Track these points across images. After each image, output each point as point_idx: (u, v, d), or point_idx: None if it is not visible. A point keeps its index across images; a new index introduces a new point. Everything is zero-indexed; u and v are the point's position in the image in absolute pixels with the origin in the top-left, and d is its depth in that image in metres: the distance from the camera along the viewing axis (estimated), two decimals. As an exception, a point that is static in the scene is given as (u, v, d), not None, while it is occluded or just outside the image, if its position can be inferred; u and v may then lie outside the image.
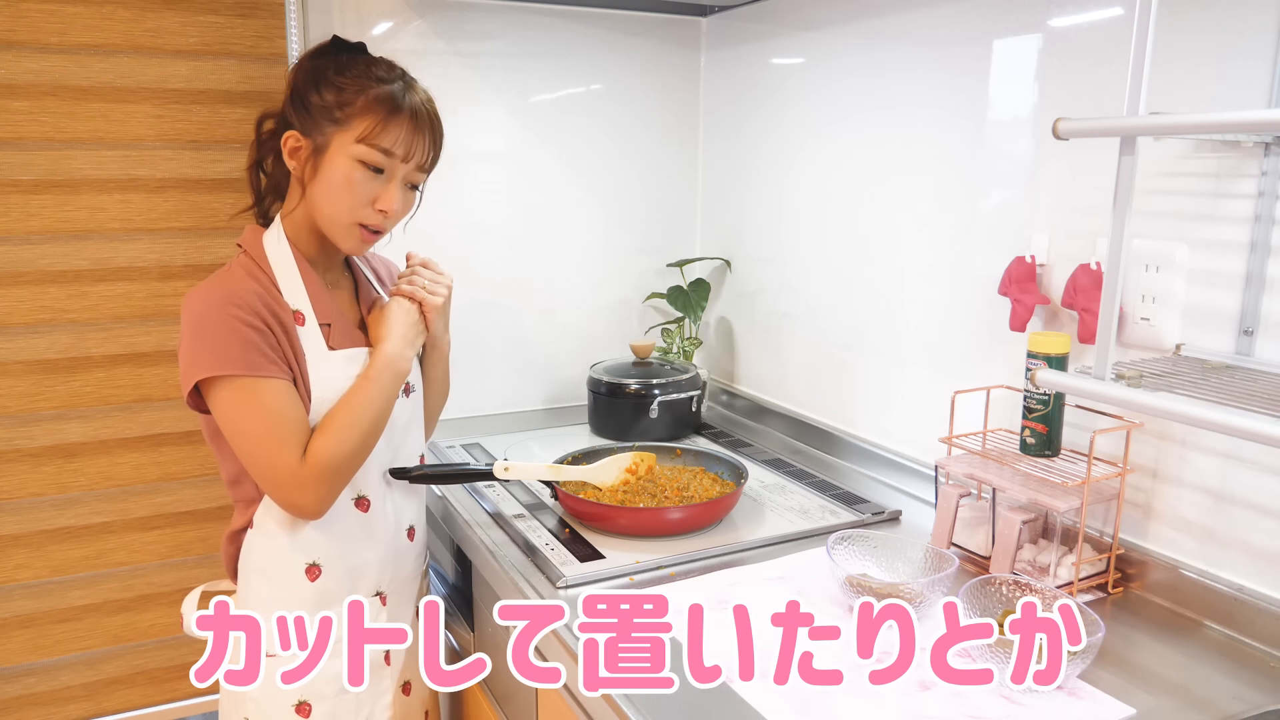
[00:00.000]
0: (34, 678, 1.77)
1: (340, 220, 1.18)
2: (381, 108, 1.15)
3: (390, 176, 1.18)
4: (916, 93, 1.53)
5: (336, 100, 1.16)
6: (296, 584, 1.20)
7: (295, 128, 1.18)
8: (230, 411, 1.12)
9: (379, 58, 1.22)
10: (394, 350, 1.22)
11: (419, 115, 1.18)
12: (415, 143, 1.18)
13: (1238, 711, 0.96)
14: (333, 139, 1.16)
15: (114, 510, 1.77)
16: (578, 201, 2.04)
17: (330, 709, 1.22)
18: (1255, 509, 1.11)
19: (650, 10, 2.01)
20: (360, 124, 1.15)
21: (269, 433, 1.12)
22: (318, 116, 1.16)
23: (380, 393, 1.20)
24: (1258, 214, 1.08)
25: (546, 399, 2.08)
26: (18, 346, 1.66)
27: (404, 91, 1.18)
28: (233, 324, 1.11)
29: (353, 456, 1.17)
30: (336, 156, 1.16)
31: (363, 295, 1.32)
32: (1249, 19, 1.06)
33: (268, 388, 1.12)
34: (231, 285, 1.15)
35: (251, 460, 1.14)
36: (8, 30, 1.56)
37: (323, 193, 1.18)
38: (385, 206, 1.18)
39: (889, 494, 1.58)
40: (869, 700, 0.96)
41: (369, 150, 1.15)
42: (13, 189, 1.61)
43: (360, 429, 1.17)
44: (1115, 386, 0.96)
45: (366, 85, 1.16)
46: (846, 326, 1.74)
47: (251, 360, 1.11)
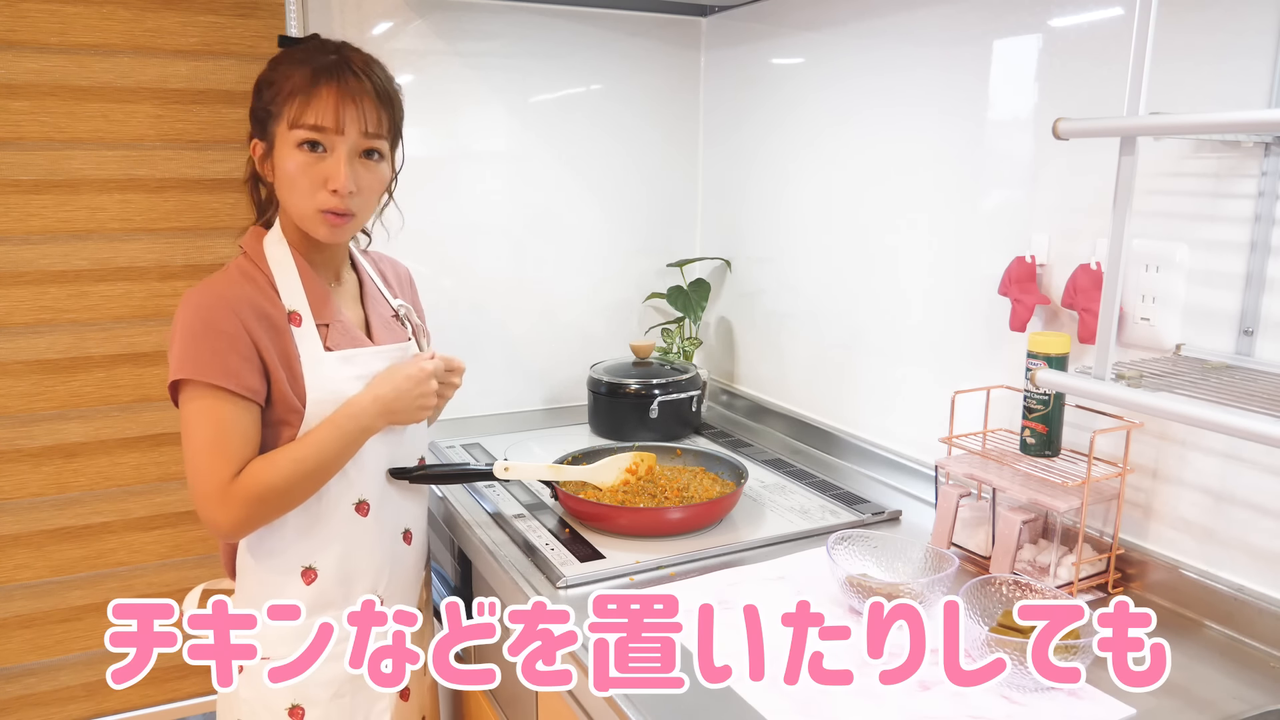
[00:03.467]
0: (34, 678, 1.77)
1: (304, 211, 1.17)
2: (303, 85, 1.14)
3: (333, 152, 1.15)
4: (916, 93, 1.53)
5: (270, 95, 1.16)
6: (292, 587, 1.20)
7: (255, 135, 1.20)
8: (186, 413, 1.13)
9: (314, 41, 1.20)
10: (370, 409, 1.20)
11: (346, 81, 1.15)
12: (345, 110, 1.14)
13: (1238, 711, 0.96)
14: (275, 134, 1.16)
15: (114, 510, 1.77)
16: (578, 201, 2.04)
17: (323, 714, 1.22)
18: (1255, 509, 1.11)
19: (650, 10, 2.01)
20: (288, 109, 1.14)
21: (212, 443, 1.12)
22: (263, 118, 1.18)
23: (338, 439, 1.17)
24: (1258, 214, 1.08)
25: (546, 399, 2.08)
26: (18, 346, 1.66)
27: (326, 65, 1.15)
28: (210, 330, 1.11)
29: (286, 491, 1.15)
30: (281, 149, 1.16)
31: (368, 297, 1.32)
32: (1249, 19, 1.06)
33: (225, 403, 1.12)
34: (222, 289, 1.15)
35: (189, 465, 1.13)
36: (8, 30, 1.56)
37: (282, 189, 1.18)
38: (335, 185, 1.15)
39: (889, 494, 1.57)
40: (870, 700, 0.96)
41: (299, 131, 1.14)
42: (13, 189, 1.61)
43: (304, 467, 1.15)
44: (1115, 386, 0.96)
45: (291, 71, 1.15)
46: (846, 326, 1.74)
47: (216, 370, 1.11)
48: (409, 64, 1.82)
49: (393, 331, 1.31)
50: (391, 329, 1.31)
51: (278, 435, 1.17)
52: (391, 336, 1.30)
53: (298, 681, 1.16)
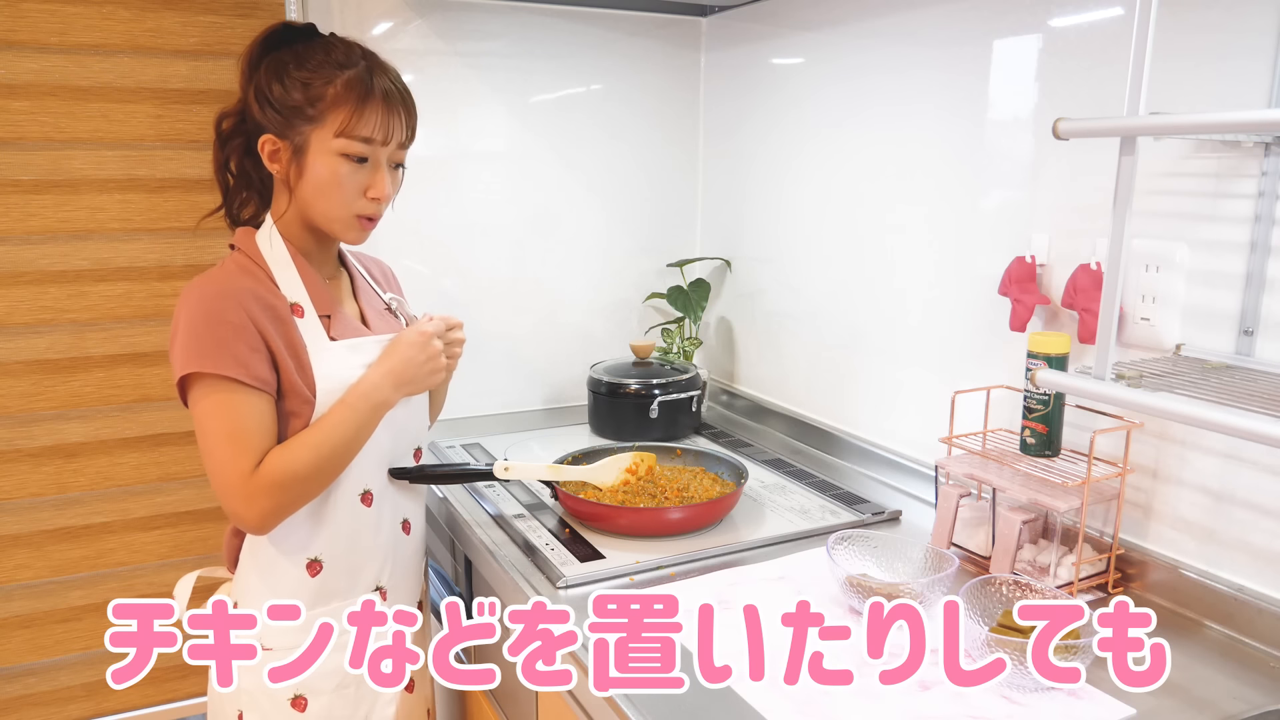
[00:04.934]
0: (34, 678, 1.77)
1: (337, 215, 1.18)
2: (353, 96, 1.13)
3: (375, 163, 1.17)
4: (916, 93, 1.53)
5: (305, 97, 1.14)
6: (297, 579, 1.20)
7: (269, 130, 1.16)
8: (199, 409, 1.12)
9: (334, 39, 1.19)
10: (383, 384, 1.20)
11: (390, 95, 1.16)
12: (393, 123, 1.16)
13: (1238, 711, 0.96)
14: (311, 137, 1.14)
15: (114, 510, 1.77)
16: (578, 201, 2.04)
17: (327, 704, 1.22)
18: (1255, 509, 1.11)
19: (650, 10, 2.01)
20: (335, 117, 1.13)
21: (230, 437, 1.11)
22: (290, 116, 1.15)
23: (353, 420, 1.17)
24: (1258, 214, 1.08)
25: (546, 399, 2.08)
26: (18, 346, 1.66)
27: (370, 73, 1.15)
28: (216, 322, 1.11)
29: (308, 478, 1.14)
30: (319, 154, 1.15)
31: (360, 291, 1.32)
32: (1249, 19, 1.06)
33: (240, 393, 1.11)
34: (223, 282, 1.14)
35: (208, 460, 1.13)
36: (8, 30, 1.56)
37: (313, 192, 1.16)
38: (377, 194, 1.17)
39: (889, 494, 1.58)
40: (870, 700, 0.96)
41: (349, 143, 1.14)
42: (13, 189, 1.61)
43: (321, 451, 1.14)
44: (1115, 386, 0.96)
45: (332, 75, 1.14)
46: (846, 326, 1.74)
47: (227, 362, 1.10)
48: (409, 64, 1.82)
49: (388, 323, 1.32)
50: (386, 320, 1.32)
51: (288, 427, 1.17)
52: (388, 327, 1.30)
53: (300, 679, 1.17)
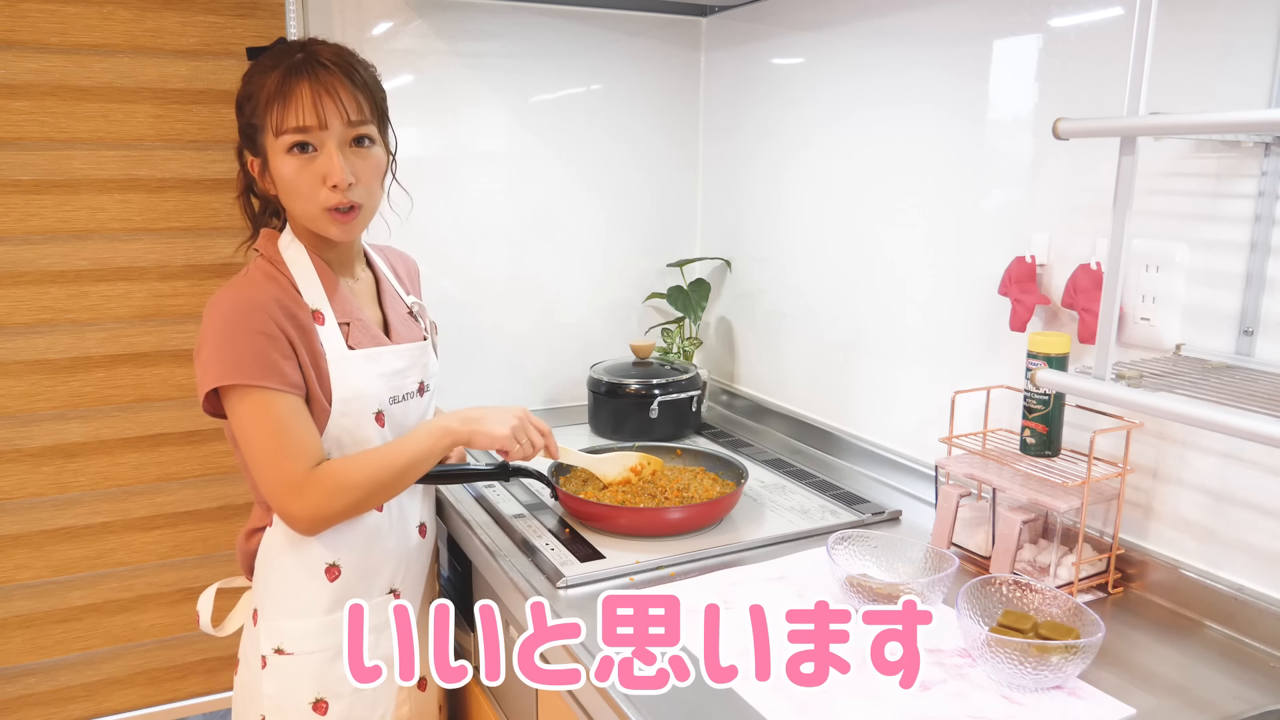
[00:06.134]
0: (34, 678, 1.77)
1: (309, 213, 1.18)
2: (276, 90, 1.14)
3: (322, 148, 1.15)
4: (916, 93, 1.53)
5: (250, 108, 1.17)
6: (316, 584, 1.21)
7: (250, 151, 1.21)
8: (242, 419, 1.13)
9: (281, 44, 1.20)
10: (452, 418, 1.24)
11: (317, 75, 1.14)
12: (325, 104, 1.14)
13: (1238, 711, 0.96)
14: (265, 145, 1.17)
15: (114, 510, 1.77)
16: (578, 201, 2.04)
17: (348, 705, 1.23)
18: (1255, 509, 1.11)
19: (650, 10, 2.01)
20: (269, 117, 1.15)
21: (275, 441, 1.12)
22: (250, 134, 1.19)
23: (420, 446, 1.21)
24: (1258, 214, 1.08)
25: (546, 399, 2.08)
26: (18, 346, 1.66)
27: (295, 64, 1.14)
28: (248, 333, 1.12)
29: (363, 485, 1.16)
30: (274, 159, 1.17)
31: (385, 295, 1.33)
32: (1249, 19, 1.06)
33: (278, 400, 1.12)
34: (250, 291, 1.16)
35: (256, 469, 1.14)
36: (8, 30, 1.56)
37: (286, 198, 1.19)
38: (333, 179, 1.15)
39: (889, 494, 1.57)
40: (870, 700, 0.96)
41: (285, 137, 1.14)
42: (13, 189, 1.61)
43: (380, 464, 1.17)
44: (1115, 386, 0.96)
45: (263, 79, 1.15)
46: (846, 326, 1.74)
47: (263, 371, 1.11)
48: (409, 64, 1.82)
49: (410, 329, 1.33)
50: (409, 326, 1.33)
51: None
52: (410, 334, 1.31)
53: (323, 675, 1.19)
